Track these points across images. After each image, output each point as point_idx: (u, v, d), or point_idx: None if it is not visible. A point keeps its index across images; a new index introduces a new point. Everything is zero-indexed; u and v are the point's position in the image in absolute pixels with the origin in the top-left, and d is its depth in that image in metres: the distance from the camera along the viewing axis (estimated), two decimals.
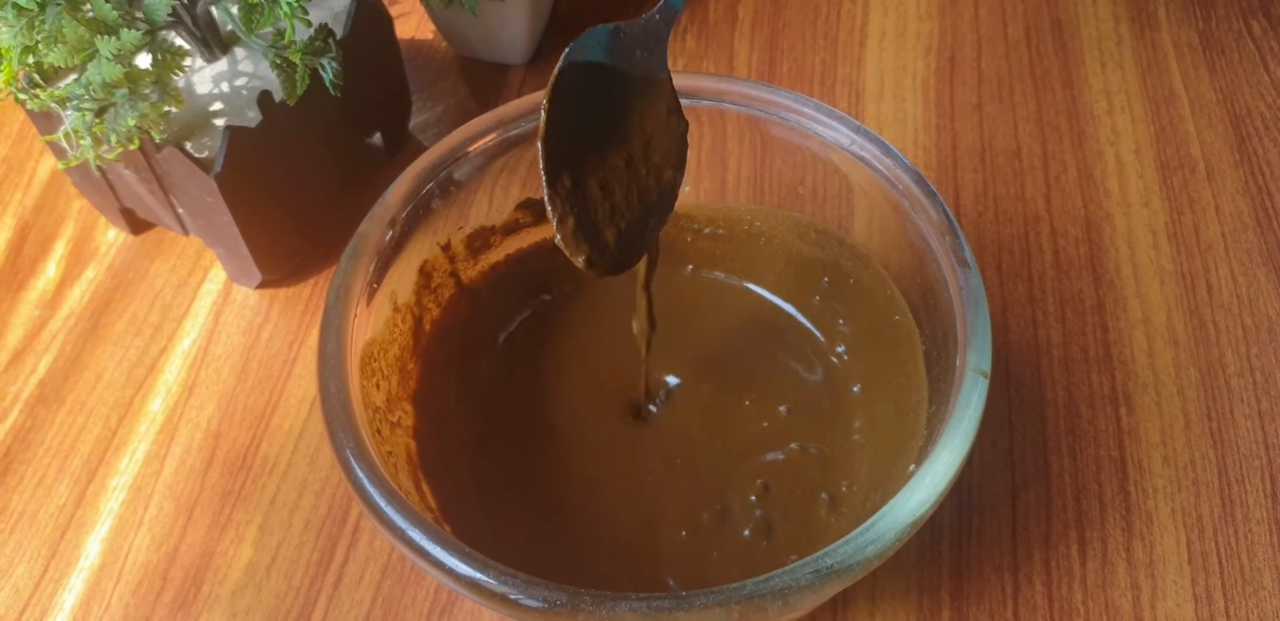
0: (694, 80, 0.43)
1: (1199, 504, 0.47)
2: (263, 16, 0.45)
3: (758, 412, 0.45)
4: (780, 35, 0.64)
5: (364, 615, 0.44)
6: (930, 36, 0.64)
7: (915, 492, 0.34)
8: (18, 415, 0.50)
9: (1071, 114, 0.60)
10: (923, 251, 0.40)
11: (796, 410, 0.45)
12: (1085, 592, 0.44)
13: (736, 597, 0.31)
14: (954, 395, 0.36)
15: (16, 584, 0.46)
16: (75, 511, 0.48)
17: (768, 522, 0.42)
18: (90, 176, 0.53)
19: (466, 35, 0.62)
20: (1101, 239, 0.55)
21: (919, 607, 0.44)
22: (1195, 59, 0.62)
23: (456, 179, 0.42)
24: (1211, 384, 0.50)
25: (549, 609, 0.32)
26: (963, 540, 0.46)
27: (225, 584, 0.45)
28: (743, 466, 0.44)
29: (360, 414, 0.36)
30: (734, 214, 0.48)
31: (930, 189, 0.40)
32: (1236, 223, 0.55)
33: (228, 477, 0.48)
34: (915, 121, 0.60)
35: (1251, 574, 0.45)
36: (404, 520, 0.33)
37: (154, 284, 0.55)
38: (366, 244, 0.40)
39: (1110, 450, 0.48)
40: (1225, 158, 0.58)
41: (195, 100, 0.48)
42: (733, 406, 0.45)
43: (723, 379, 0.46)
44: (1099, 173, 0.58)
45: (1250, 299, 0.53)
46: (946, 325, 0.39)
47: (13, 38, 0.42)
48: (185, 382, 0.51)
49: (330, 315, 0.38)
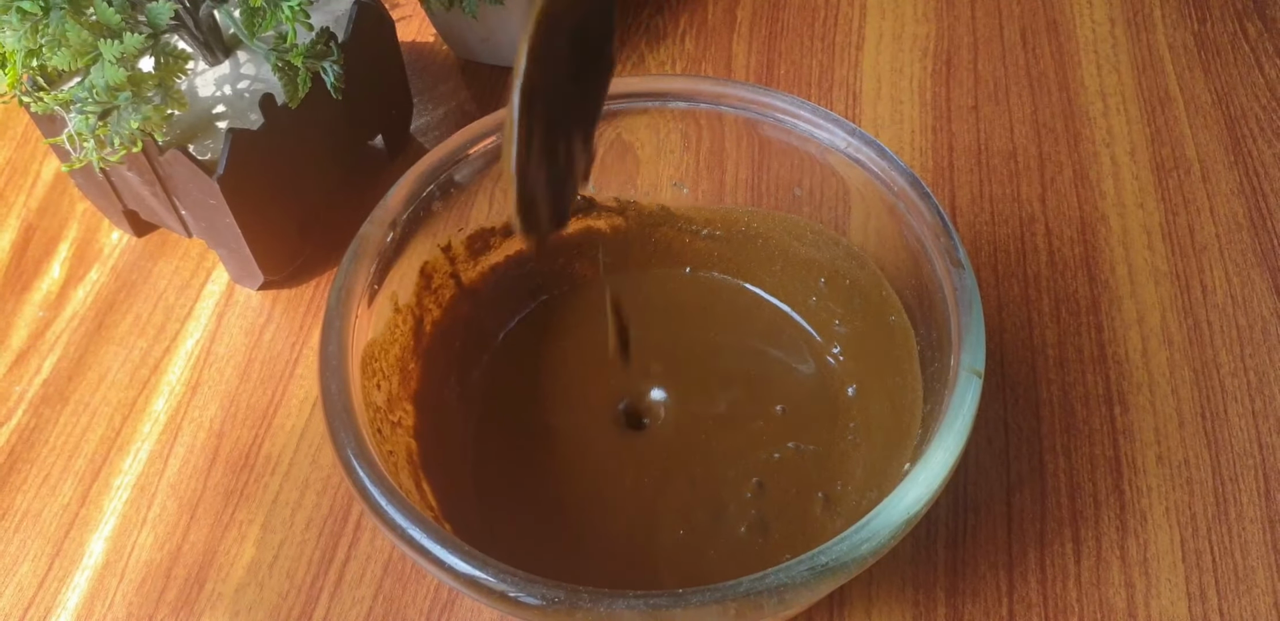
0: (692, 83, 0.44)
1: (1193, 502, 0.47)
2: (265, 20, 0.45)
3: (754, 412, 0.45)
4: (778, 38, 0.65)
5: (365, 613, 0.45)
6: (927, 39, 0.64)
7: (910, 491, 0.34)
8: (22, 415, 0.51)
9: (1067, 115, 0.60)
10: (918, 252, 0.40)
11: (792, 409, 0.45)
12: (1080, 590, 0.45)
13: (733, 595, 0.32)
14: (948, 394, 0.36)
15: (21, 582, 0.46)
16: (79, 510, 0.48)
17: (763, 521, 0.42)
18: (94, 179, 0.53)
19: (467, 38, 0.62)
20: (1097, 239, 0.55)
21: (914, 605, 0.44)
22: (1190, 61, 0.63)
23: (457, 181, 0.43)
24: (1205, 383, 0.50)
25: (547, 606, 0.32)
26: (958, 538, 0.46)
27: (228, 582, 0.46)
28: (739, 465, 0.44)
29: (361, 414, 0.37)
30: (731, 215, 0.48)
31: (925, 191, 0.40)
32: (1231, 223, 0.56)
33: (230, 477, 0.49)
34: (912, 123, 0.60)
35: (1245, 572, 0.45)
36: (404, 519, 0.34)
37: (157, 285, 0.55)
38: (368, 245, 0.40)
39: (1105, 449, 0.48)
40: (1220, 159, 0.58)
41: (198, 103, 0.49)
42: (729, 406, 0.46)
43: (719, 378, 0.47)
44: (1094, 174, 0.58)
45: (1244, 299, 0.53)
46: (941, 325, 0.39)
47: (17, 41, 0.43)
48: (188, 383, 0.52)
49: (332, 316, 0.38)
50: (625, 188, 0.48)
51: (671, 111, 0.44)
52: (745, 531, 0.42)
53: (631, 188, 0.48)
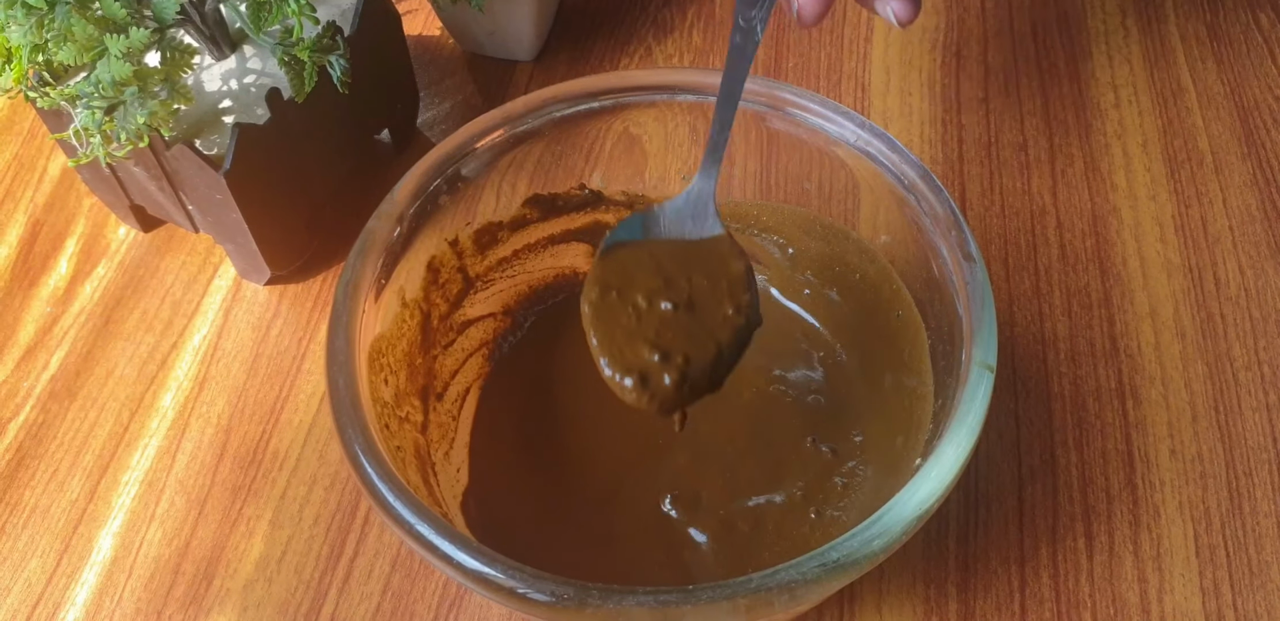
0: (700, 76, 0.43)
1: (1206, 497, 0.47)
2: (271, 14, 0.45)
3: (764, 408, 0.45)
4: (786, 31, 0.64)
5: (374, 608, 0.45)
6: (936, 31, 0.64)
7: (921, 486, 0.34)
8: (30, 411, 0.51)
9: (1078, 107, 0.60)
10: (928, 246, 0.40)
11: (803, 405, 0.45)
12: (1092, 585, 0.44)
13: (743, 591, 0.32)
14: (960, 389, 0.36)
15: (30, 578, 0.46)
16: (87, 506, 0.48)
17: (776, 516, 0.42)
18: (101, 174, 0.53)
19: (474, 32, 0.62)
20: (1108, 232, 0.55)
21: (926, 600, 0.44)
22: (1203, 51, 0.62)
23: (464, 175, 0.43)
24: (1219, 377, 0.50)
25: (556, 603, 0.32)
26: (969, 533, 0.46)
27: (236, 578, 0.46)
28: (748, 460, 0.44)
29: (369, 409, 0.36)
30: (740, 209, 0.48)
31: (935, 183, 0.40)
32: (1244, 215, 0.55)
33: (238, 472, 0.49)
34: (921, 116, 0.60)
35: (1259, 567, 0.45)
36: (412, 515, 0.33)
37: (164, 280, 0.55)
38: (375, 240, 0.40)
39: (1117, 443, 0.48)
40: (1233, 150, 0.58)
41: (204, 98, 0.49)
42: (740, 402, 0.45)
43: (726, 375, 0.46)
44: (1106, 166, 0.57)
45: (1258, 292, 0.53)
46: (952, 319, 0.39)
47: (22, 36, 0.43)
48: (196, 378, 0.52)
49: (339, 311, 0.38)
50: (633, 181, 0.47)
51: (679, 104, 0.44)
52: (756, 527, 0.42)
53: (639, 181, 0.48)
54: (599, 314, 0.38)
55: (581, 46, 0.64)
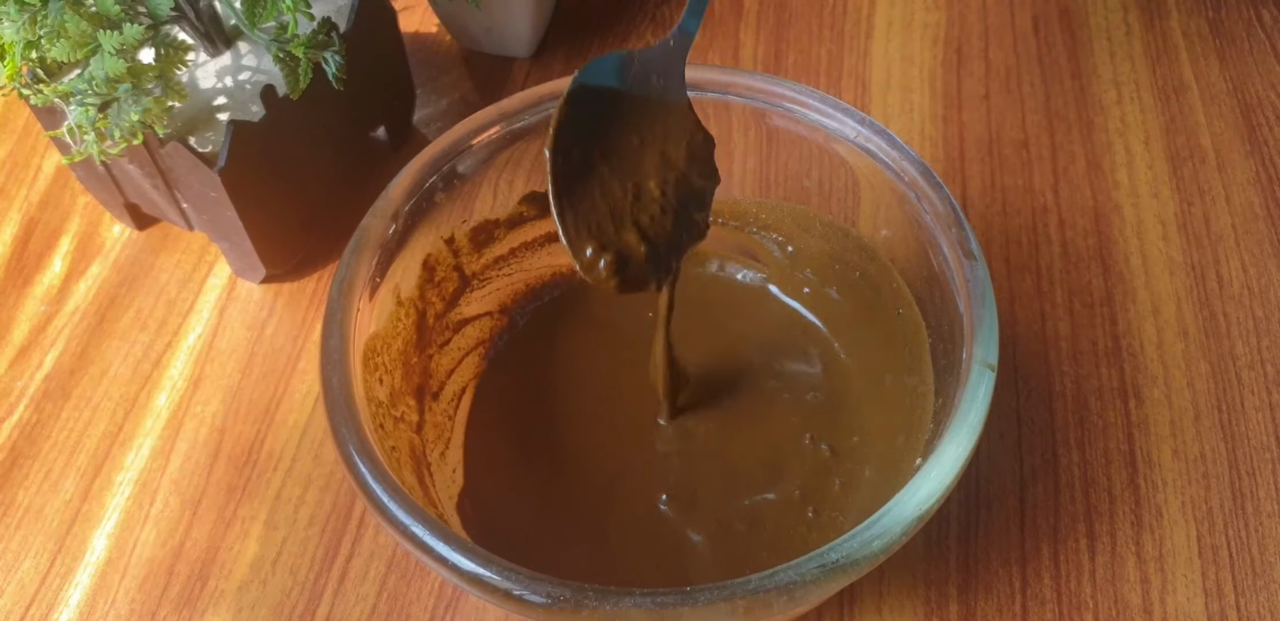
0: (699, 72, 0.43)
1: (1209, 497, 0.46)
2: (266, 10, 0.45)
3: (764, 407, 0.45)
4: (786, 27, 0.64)
5: (369, 610, 0.44)
6: (937, 27, 0.64)
7: (921, 486, 0.33)
8: (24, 410, 0.50)
9: (1080, 104, 0.60)
10: (929, 243, 0.40)
11: (801, 404, 0.45)
12: (1094, 586, 0.44)
13: (742, 593, 0.31)
14: (960, 388, 0.36)
15: (23, 579, 0.46)
16: (81, 506, 0.48)
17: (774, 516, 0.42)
18: (95, 172, 0.53)
19: (470, 28, 0.62)
20: (1110, 230, 0.54)
21: (926, 601, 0.44)
22: (1205, 48, 0.62)
23: (460, 172, 0.42)
24: (1222, 376, 0.50)
25: (553, 604, 0.31)
26: (970, 534, 0.45)
27: (230, 579, 0.45)
28: (748, 460, 0.43)
29: (363, 408, 0.36)
30: (739, 207, 0.48)
31: (936, 180, 0.40)
32: (1247, 213, 0.55)
33: (233, 473, 0.48)
34: (922, 113, 0.60)
35: (1262, 567, 0.44)
36: (407, 515, 0.33)
37: (159, 279, 0.55)
38: (369, 238, 0.40)
39: (1119, 443, 0.48)
40: (1236, 148, 0.58)
41: (199, 95, 0.48)
42: (738, 401, 0.45)
43: (727, 373, 0.46)
44: (1108, 163, 0.57)
45: (1261, 290, 0.52)
46: (953, 318, 0.38)
47: (15, 33, 0.42)
48: (190, 378, 0.51)
49: (333, 309, 0.38)
50: None
51: None
52: (753, 527, 0.42)
53: None
54: (566, 175, 0.36)
55: (579, 43, 0.64)
